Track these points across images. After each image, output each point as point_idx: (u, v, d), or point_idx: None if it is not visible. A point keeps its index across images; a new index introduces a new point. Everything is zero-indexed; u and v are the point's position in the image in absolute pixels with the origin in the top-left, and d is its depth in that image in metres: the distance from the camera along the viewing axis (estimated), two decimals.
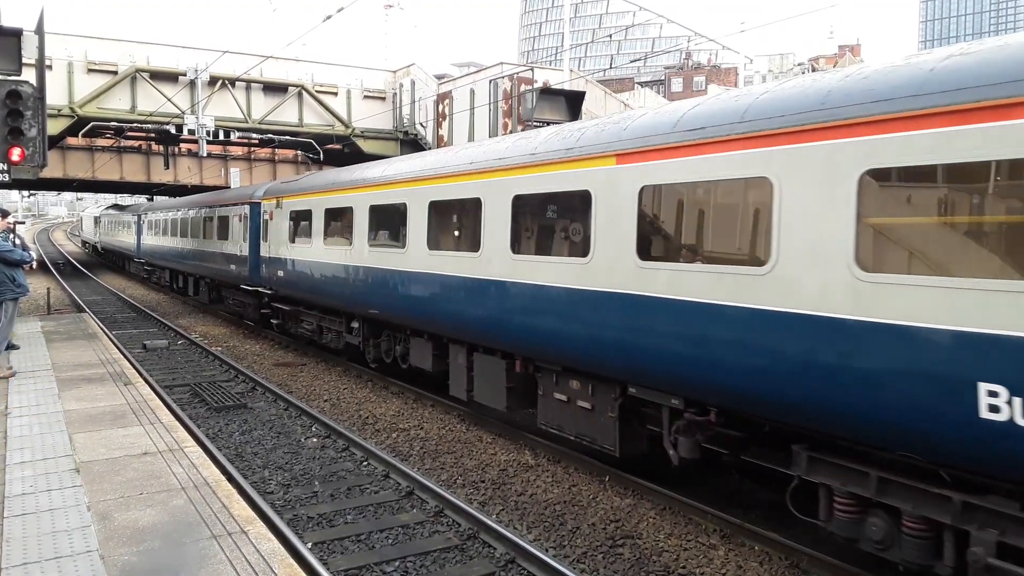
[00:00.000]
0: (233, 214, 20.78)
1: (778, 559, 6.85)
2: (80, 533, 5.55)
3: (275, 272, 17.39)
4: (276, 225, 17.43)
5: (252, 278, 19.18)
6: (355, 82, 27.99)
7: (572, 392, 8.67)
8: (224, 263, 21.53)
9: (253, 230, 19.04)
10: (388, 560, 6.83)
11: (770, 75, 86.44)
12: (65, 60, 23.46)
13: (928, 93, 4.95)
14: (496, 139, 11.59)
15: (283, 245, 16.86)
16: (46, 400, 9.75)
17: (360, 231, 13.14)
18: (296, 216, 16.25)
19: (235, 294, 22.02)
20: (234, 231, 20.60)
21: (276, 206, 17.33)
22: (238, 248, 20.11)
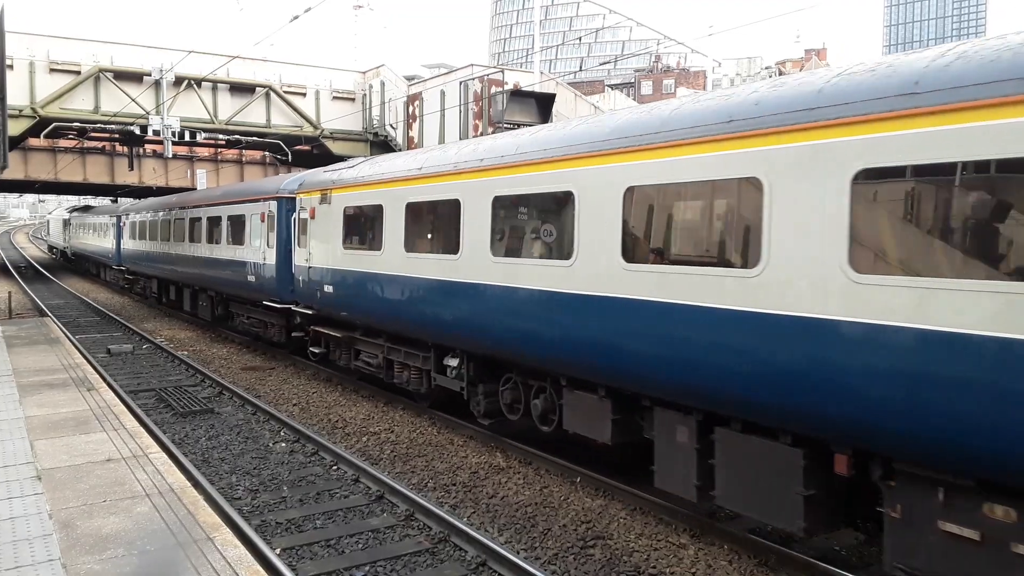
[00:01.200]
0: (251, 213, 17.21)
1: (747, 557, 6.91)
2: (41, 542, 5.43)
3: (318, 286, 13.52)
4: (320, 226, 13.59)
5: (280, 292, 15.59)
6: (324, 83, 27.79)
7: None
8: (237, 273, 17.84)
9: (282, 232, 15.55)
10: (358, 565, 6.77)
11: (738, 78, 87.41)
12: (27, 60, 23.00)
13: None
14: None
15: (332, 251, 13.04)
16: (6, 406, 9.54)
17: (476, 234, 9.34)
18: (355, 214, 12.59)
19: (252, 311, 18.04)
20: (252, 234, 17.02)
21: (321, 200, 13.53)
22: (259, 255, 16.60)
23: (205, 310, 21.74)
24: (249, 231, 17.23)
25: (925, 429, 4.89)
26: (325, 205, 13.42)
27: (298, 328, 15.72)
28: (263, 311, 17.06)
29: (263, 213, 16.38)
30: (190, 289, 23.03)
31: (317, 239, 13.68)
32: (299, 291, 14.51)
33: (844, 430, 5.47)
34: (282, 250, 15.51)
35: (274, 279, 15.71)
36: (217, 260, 19.45)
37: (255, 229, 16.86)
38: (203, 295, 21.78)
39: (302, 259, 14.27)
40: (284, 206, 15.62)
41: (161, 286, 26.97)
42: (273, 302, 15.88)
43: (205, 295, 21.55)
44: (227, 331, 20.69)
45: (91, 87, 24.06)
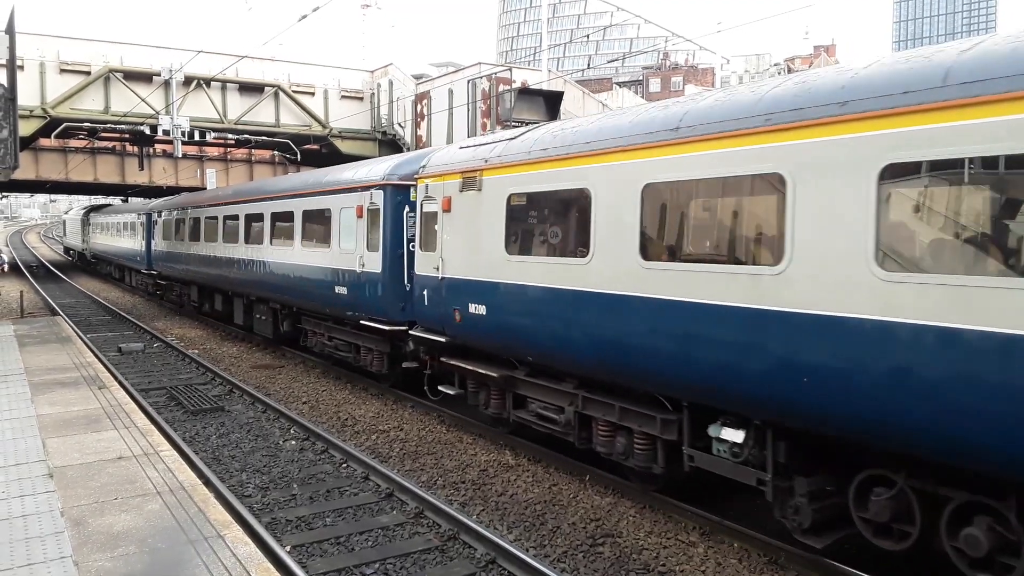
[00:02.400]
0: (341, 207, 13.61)
1: (757, 555, 6.89)
2: (53, 539, 5.47)
3: (458, 305, 9.94)
4: (462, 222, 10.03)
5: (387, 310, 12.13)
6: (332, 82, 27.85)
7: None
8: (318, 283, 14.39)
9: (391, 231, 12.15)
10: (368, 562, 6.79)
11: (747, 75, 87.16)
12: (37, 60, 23.12)
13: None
14: None
15: (486, 258, 9.48)
16: (19, 404, 9.61)
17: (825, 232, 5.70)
18: (529, 204, 9.02)
19: (337, 331, 14.64)
20: (342, 233, 13.56)
21: (464, 187, 9.97)
22: (352, 260, 13.06)
23: (264, 325, 18.08)
24: (337, 230, 13.62)
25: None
26: (471, 193, 9.80)
27: (411, 357, 12.08)
28: (354, 332, 13.67)
29: (360, 206, 12.73)
30: (243, 299, 19.39)
31: (456, 240, 10.04)
32: (420, 310, 10.93)
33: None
34: (390, 254, 12.05)
35: (378, 292, 12.19)
36: (286, 266, 15.91)
37: (347, 227, 13.25)
38: (261, 307, 18.14)
39: (427, 267, 10.68)
40: (393, 196, 12.10)
41: (203, 294, 23.17)
42: (375, 322, 12.26)
43: (265, 307, 17.86)
44: (289, 349, 17.57)
45: (101, 87, 24.17)
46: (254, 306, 18.76)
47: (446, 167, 10.53)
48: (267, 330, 17.94)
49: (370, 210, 12.51)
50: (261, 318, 18.27)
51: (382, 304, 12.24)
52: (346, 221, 13.34)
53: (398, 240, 12.07)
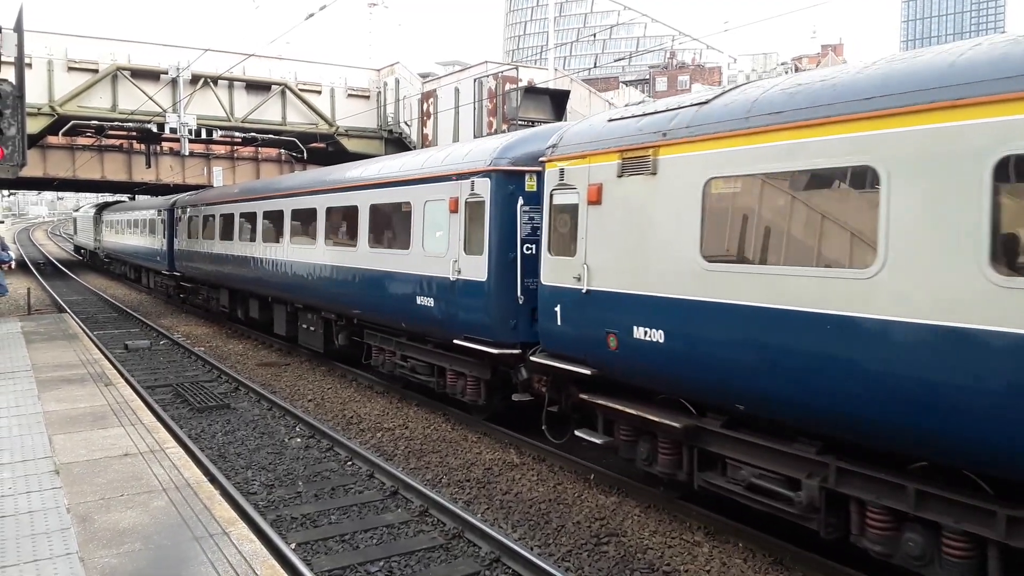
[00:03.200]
0: (425, 200, 11.18)
1: (762, 556, 6.88)
2: (60, 535, 5.49)
3: (614, 327, 7.63)
4: (620, 217, 7.66)
5: (494, 328, 9.79)
6: (339, 80, 27.86)
7: None
8: (393, 291, 11.92)
9: (502, 229, 9.75)
10: (372, 560, 6.80)
11: (753, 74, 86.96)
12: (45, 58, 23.19)
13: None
14: None
15: (665, 266, 7.10)
16: (25, 401, 9.64)
17: None
18: (746, 190, 6.51)
19: (415, 350, 12.12)
20: (428, 232, 11.09)
21: (624, 170, 7.60)
22: (442, 265, 10.62)
23: (312, 337, 15.79)
24: (420, 228, 11.21)
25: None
26: (638, 178, 7.35)
27: (523, 388, 9.85)
28: (440, 352, 11.37)
29: (455, 199, 10.42)
30: (286, 306, 17.01)
31: (611, 241, 7.70)
32: (548, 330, 8.59)
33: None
34: (498, 259, 9.72)
35: (481, 306, 9.88)
36: (346, 270, 13.49)
37: (434, 225, 10.93)
38: (309, 316, 15.89)
39: (560, 275, 8.33)
40: (502, 186, 9.72)
41: (236, 299, 20.92)
42: (475, 342, 9.95)
43: (314, 316, 15.60)
44: (342, 366, 15.30)
45: (109, 85, 24.23)
46: (299, 315, 16.40)
47: (593, 144, 8.06)
48: (316, 343, 15.58)
49: (469, 203, 10.09)
50: (309, 329, 15.88)
51: (486, 320, 9.76)
52: (433, 217, 10.90)
53: (508, 241, 9.61)
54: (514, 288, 9.59)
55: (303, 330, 16.32)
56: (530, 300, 9.31)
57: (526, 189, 9.72)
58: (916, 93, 5.17)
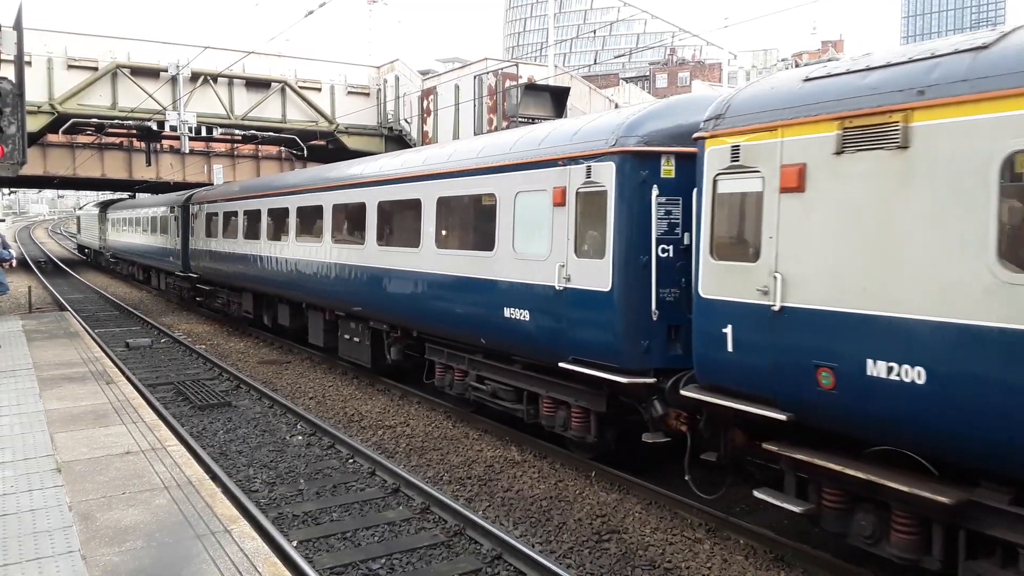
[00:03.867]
0: (511, 191, 9.38)
1: (763, 552, 6.89)
2: (62, 533, 5.49)
3: (835, 362, 5.72)
4: (840, 210, 5.75)
5: (620, 349, 7.88)
6: (339, 78, 27.84)
7: None
8: (471, 302, 10.09)
9: (631, 227, 7.82)
10: (374, 557, 6.81)
11: (754, 71, 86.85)
12: (45, 56, 23.16)
13: None
14: None
15: (935, 280, 5.14)
16: (27, 399, 9.65)
17: None
18: None
19: (500, 371, 10.13)
20: (520, 231, 9.24)
21: (849, 145, 5.68)
22: (546, 271, 8.69)
23: (357, 349, 13.88)
24: (509, 225, 9.33)
25: None
26: (869, 156, 5.56)
27: (657, 425, 7.85)
28: (533, 376, 9.45)
29: (561, 189, 8.48)
30: (324, 314, 15.19)
31: (819, 242, 5.88)
32: (713, 357, 6.70)
33: None
34: (627, 263, 7.75)
35: (603, 322, 7.95)
36: (404, 275, 11.64)
37: (529, 221, 9.04)
38: (353, 325, 13.94)
39: (733, 286, 6.49)
40: (632, 171, 7.76)
41: (261, 303, 19.12)
42: (593, 366, 8.04)
43: (360, 327, 13.68)
44: (384, 381, 13.65)
45: (108, 83, 24.21)
46: (341, 324, 14.48)
47: (788, 112, 6.14)
48: (362, 356, 13.73)
49: (583, 194, 8.18)
50: (353, 340, 13.97)
51: (608, 340, 7.88)
52: (528, 212, 9.03)
53: (640, 241, 7.67)
54: (647, 300, 7.59)
55: (345, 341, 14.32)
56: (667, 316, 7.60)
57: (662, 175, 7.76)
58: None
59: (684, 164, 7.60)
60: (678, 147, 7.74)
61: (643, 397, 7.85)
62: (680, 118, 7.85)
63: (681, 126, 7.69)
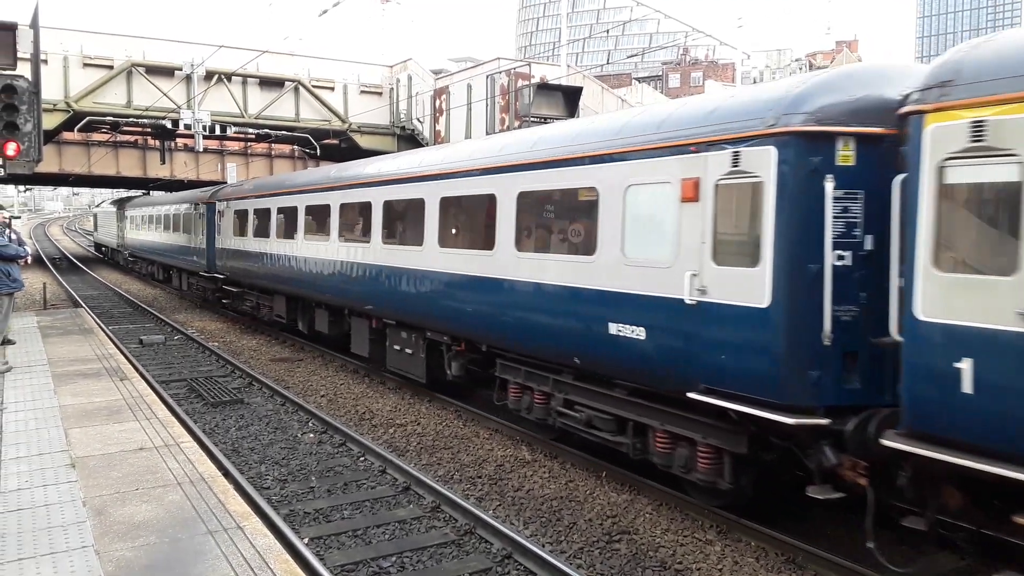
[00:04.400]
0: (621, 185, 7.83)
1: (774, 554, 6.86)
2: (75, 528, 5.54)
3: None
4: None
5: (782, 380, 6.29)
6: (352, 77, 27.92)
7: None
8: (565, 314, 8.60)
9: (797, 229, 6.24)
10: (385, 555, 6.82)
11: (767, 71, 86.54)
12: (60, 55, 23.33)
13: None
14: None
15: None
16: (42, 395, 9.73)
17: None
18: None
19: (596, 396, 8.62)
20: (631, 232, 7.81)
21: None
22: (672, 280, 7.14)
23: (408, 361, 12.54)
24: (618, 224, 7.79)
25: None
26: None
27: (824, 477, 6.33)
28: (646, 406, 7.89)
29: (691, 181, 6.97)
30: (371, 322, 13.71)
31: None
32: (939, 399, 5.24)
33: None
34: (795, 274, 6.24)
35: (759, 344, 6.42)
36: (474, 281, 10.15)
37: (644, 220, 7.60)
38: (404, 334, 12.55)
39: (980, 309, 5.01)
40: (800, 159, 6.23)
41: (295, 307, 17.64)
42: (743, 400, 6.48)
43: (414, 336, 12.23)
44: (449, 399, 12.25)
45: (123, 82, 24.36)
46: (390, 332, 13.05)
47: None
48: (415, 369, 12.34)
49: (728, 187, 6.63)
50: (405, 352, 12.57)
51: (764, 369, 6.35)
52: (643, 209, 7.57)
53: (809, 245, 6.13)
54: (817, 320, 6.06)
55: (395, 352, 12.92)
56: (842, 340, 6.09)
57: (838, 162, 6.20)
58: None
59: (866, 149, 6.18)
60: (858, 127, 6.17)
61: (808, 441, 6.32)
62: (861, 89, 6.33)
63: (863, 100, 6.22)
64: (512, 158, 9.61)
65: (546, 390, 9.36)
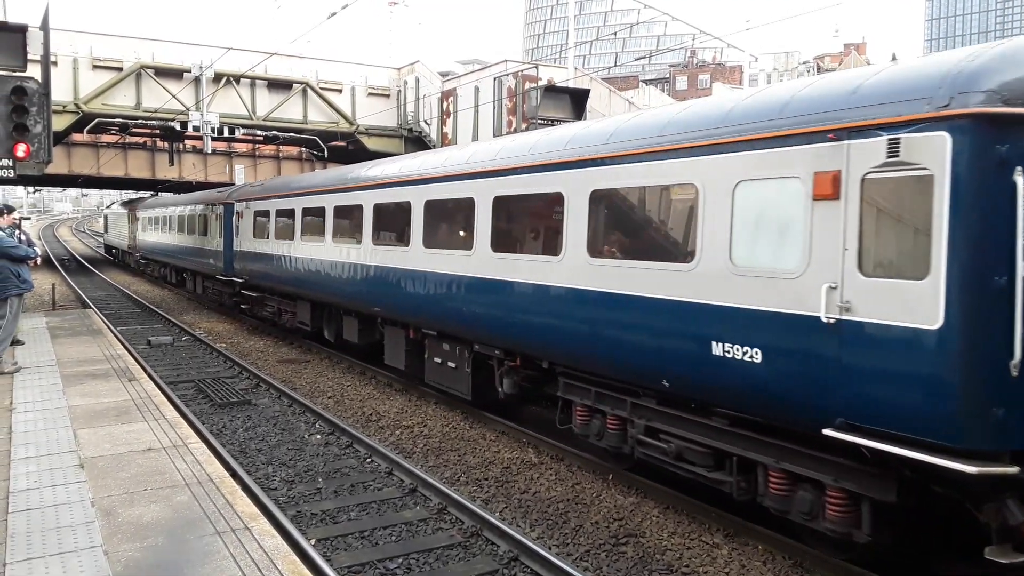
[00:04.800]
0: (729, 180, 6.61)
1: (782, 558, 6.84)
2: (84, 529, 5.56)
3: None
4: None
5: (958, 418, 5.12)
6: (360, 79, 28.00)
7: None
8: (646, 330, 7.54)
9: (980, 232, 5.09)
10: (391, 557, 6.83)
11: (775, 73, 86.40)
12: (70, 56, 23.47)
13: None
14: None
15: None
16: (51, 396, 9.77)
17: None
18: None
19: (686, 424, 7.51)
20: (740, 236, 6.57)
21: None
22: (800, 293, 5.94)
23: (450, 376, 11.50)
24: (725, 227, 6.67)
25: None
26: None
27: (1004, 535, 5.35)
28: (758, 440, 6.77)
29: (827, 175, 5.82)
30: (407, 331, 12.66)
31: None
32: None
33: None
34: (976, 289, 5.10)
35: (926, 373, 5.24)
36: (537, 291, 9.01)
37: (760, 221, 6.47)
38: (446, 346, 11.52)
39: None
40: (983, 147, 5.10)
41: (320, 314, 16.69)
42: (903, 442, 5.28)
43: (459, 349, 11.23)
44: (484, 412, 11.42)
45: (133, 83, 24.49)
46: (430, 344, 11.98)
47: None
48: (458, 384, 11.26)
49: (880, 181, 5.51)
50: (447, 366, 11.55)
51: (932, 404, 5.23)
52: (758, 208, 6.40)
53: (996, 254, 5.10)
54: (1004, 346, 5.03)
55: (435, 366, 11.85)
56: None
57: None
58: None
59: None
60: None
61: (985, 492, 5.25)
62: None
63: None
64: (582, 152, 8.37)
65: (622, 415, 8.23)
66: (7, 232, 11.55)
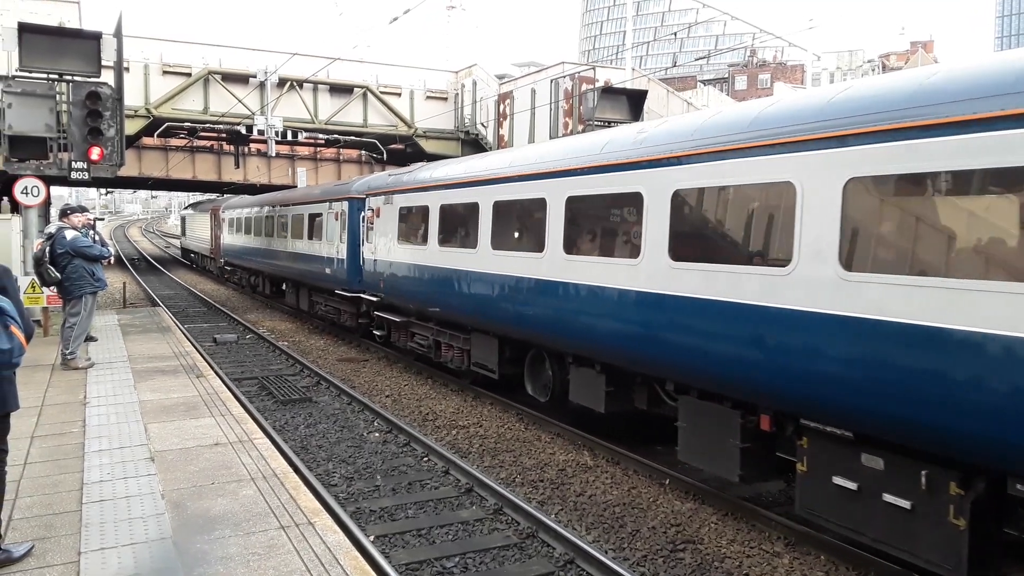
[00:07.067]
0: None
1: (845, 569, 6.68)
2: (155, 520, 5.75)
3: None
4: None
5: None
6: (418, 83, 28.32)
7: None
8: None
9: None
10: (448, 556, 6.89)
11: (838, 72, 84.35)
12: (141, 63, 24.29)
13: None
14: None
15: None
16: (122, 391, 10.13)
17: None
18: None
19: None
20: None
21: None
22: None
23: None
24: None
25: None
26: None
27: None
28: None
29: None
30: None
31: None
32: None
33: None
34: None
35: None
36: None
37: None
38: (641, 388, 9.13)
39: None
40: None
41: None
42: None
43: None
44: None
45: (200, 88, 25.22)
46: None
47: None
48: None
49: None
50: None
51: None
52: None
53: None
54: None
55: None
56: None
57: None
58: None
59: None
60: None
61: None
62: None
63: None
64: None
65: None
66: (82, 232, 12.00)
